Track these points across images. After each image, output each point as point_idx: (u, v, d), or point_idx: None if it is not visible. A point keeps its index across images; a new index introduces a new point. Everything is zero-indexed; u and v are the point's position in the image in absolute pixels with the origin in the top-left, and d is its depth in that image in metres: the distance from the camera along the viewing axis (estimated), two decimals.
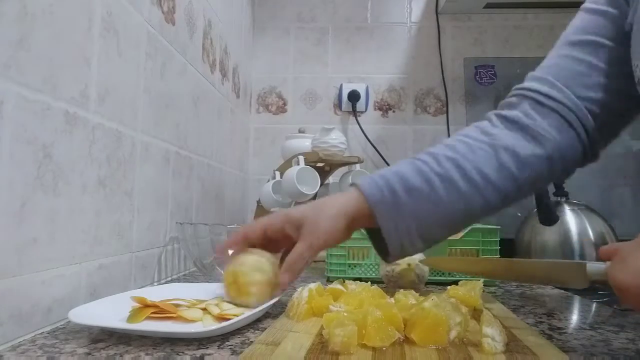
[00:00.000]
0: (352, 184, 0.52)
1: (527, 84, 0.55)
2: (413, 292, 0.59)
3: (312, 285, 0.58)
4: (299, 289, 0.57)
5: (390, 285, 0.72)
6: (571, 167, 0.55)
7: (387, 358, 0.41)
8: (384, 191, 0.49)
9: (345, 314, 0.47)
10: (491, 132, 0.52)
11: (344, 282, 0.65)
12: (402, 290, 0.59)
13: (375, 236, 0.52)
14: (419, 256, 0.70)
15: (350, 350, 0.42)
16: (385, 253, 0.51)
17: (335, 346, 0.42)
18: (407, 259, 0.68)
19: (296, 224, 0.51)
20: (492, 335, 0.42)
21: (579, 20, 0.57)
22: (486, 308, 0.57)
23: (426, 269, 0.72)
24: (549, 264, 0.52)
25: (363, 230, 0.55)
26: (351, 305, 0.54)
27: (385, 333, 0.44)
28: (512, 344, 0.44)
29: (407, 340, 0.45)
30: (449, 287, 0.62)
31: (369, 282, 0.65)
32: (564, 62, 0.54)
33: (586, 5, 0.57)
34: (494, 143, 0.51)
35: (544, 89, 0.53)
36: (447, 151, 0.51)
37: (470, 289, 0.60)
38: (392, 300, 0.56)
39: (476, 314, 0.56)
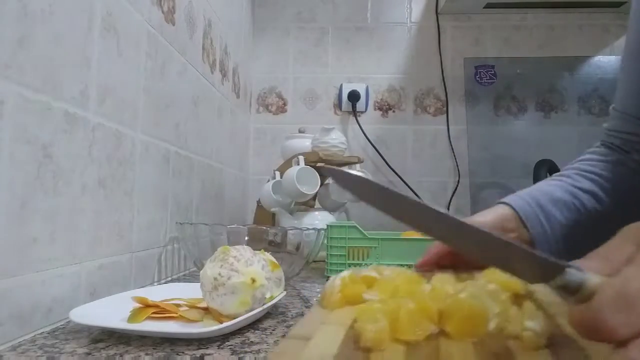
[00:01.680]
0: (500, 202, 0.54)
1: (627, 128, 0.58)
2: (451, 278, 0.52)
3: (345, 273, 0.56)
4: (332, 277, 0.55)
5: (207, 294, 0.51)
6: None
7: (420, 352, 0.40)
8: (531, 203, 0.51)
9: (377, 306, 0.45)
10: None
11: (378, 267, 0.63)
12: (439, 275, 0.52)
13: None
14: (265, 273, 0.53)
15: (382, 346, 0.41)
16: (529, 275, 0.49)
17: (367, 342, 0.41)
18: (253, 273, 0.51)
19: None
20: (534, 328, 0.40)
21: None
22: (529, 293, 0.53)
23: (267, 292, 0.54)
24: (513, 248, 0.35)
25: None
26: (385, 293, 0.52)
27: (419, 326, 0.42)
28: (556, 336, 0.41)
29: (443, 333, 0.43)
30: (484, 271, 0.58)
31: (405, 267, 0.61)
32: None
33: None
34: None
35: None
36: (582, 171, 0.55)
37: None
38: (429, 286, 0.53)
39: (518, 300, 0.52)
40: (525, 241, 0.51)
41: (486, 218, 0.51)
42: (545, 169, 1.23)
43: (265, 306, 0.52)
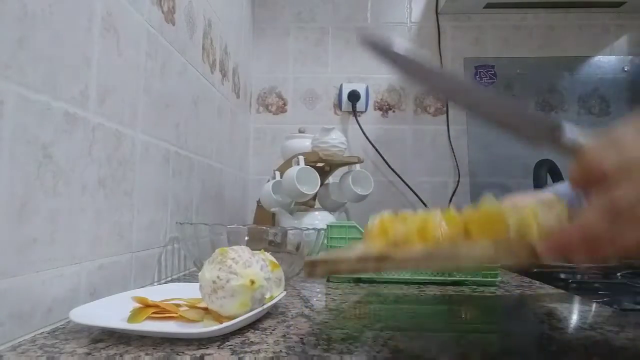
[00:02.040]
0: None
1: None
2: None
3: (384, 213, 0.56)
4: (371, 218, 0.55)
5: (206, 296, 0.51)
6: None
7: (442, 247, 0.42)
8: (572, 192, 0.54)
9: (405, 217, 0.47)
10: None
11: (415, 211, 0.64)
12: None
13: None
14: (265, 273, 0.53)
15: (409, 242, 0.43)
16: None
17: (397, 237, 0.43)
18: (252, 275, 0.51)
19: None
20: (547, 221, 0.40)
21: None
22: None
23: (267, 292, 0.53)
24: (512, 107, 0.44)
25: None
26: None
27: (444, 229, 0.44)
28: None
29: (466, 235, 0.44)
30: None
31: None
32: None
33: None
34: None
35: None
36: None
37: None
38: None
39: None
40: None
41: (530, 197, 0.53)
42: (545, 168, 1.23)
43: (265, 306, 0.52)
